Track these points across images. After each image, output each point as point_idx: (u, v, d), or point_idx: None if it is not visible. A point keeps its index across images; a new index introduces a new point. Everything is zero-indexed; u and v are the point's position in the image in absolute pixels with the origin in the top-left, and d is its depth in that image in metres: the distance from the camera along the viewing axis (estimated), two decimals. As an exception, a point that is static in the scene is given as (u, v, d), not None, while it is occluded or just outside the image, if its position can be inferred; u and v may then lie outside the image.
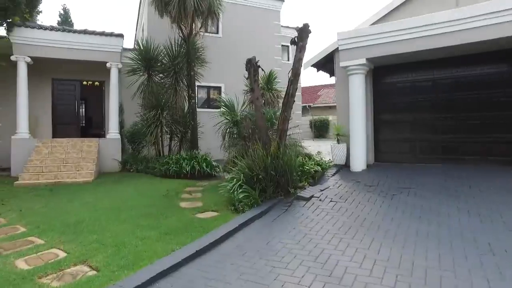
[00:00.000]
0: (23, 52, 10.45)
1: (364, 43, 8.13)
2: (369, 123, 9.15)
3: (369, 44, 8.17)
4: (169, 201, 6.88)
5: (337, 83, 9.71)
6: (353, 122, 8.64)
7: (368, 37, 8.16)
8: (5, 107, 11.33)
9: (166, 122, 10.83)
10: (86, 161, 9.99)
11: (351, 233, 4.56)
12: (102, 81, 12.87)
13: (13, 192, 7.91)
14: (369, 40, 8.16)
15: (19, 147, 10.23)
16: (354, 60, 8.30)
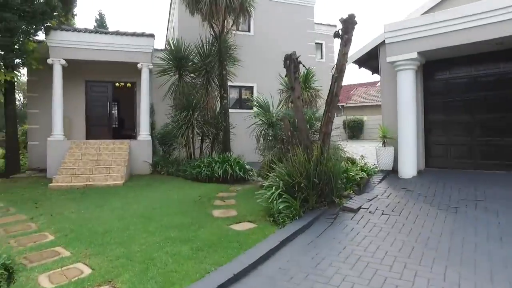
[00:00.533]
0: (58, 54, 10.46)
1: (414, 35, 7.26)
2: (419, 125, 8.22)
3: (420, 36, 7.29)
4: (201, 209, 6.42)
5: (382, 81, 8.86)
6: (402, 123, 7.78)
7: (419, 28, 7.29)
8: (43, 109, 11.46)
9: (198, 124, 10.44)
10: (117, 163, 9.80)
11: (415, 257, 3.83)
12: (133, 82, 12.76)
13: (46, 195, 7.79)
14: (420, 31, 7.29)
15: (54, 149, 10.24)
16: (403, 54, 7.45)
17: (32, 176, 10.44)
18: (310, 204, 5.48)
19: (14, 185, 9.11)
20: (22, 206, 6.86)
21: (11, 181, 9.78)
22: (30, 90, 11.82)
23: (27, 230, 5.29)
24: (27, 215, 6.17)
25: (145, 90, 11.21)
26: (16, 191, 8.30)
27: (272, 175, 6.33)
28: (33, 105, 11.77)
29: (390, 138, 8.25)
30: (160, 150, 11.66)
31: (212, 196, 7.58)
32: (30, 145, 11.73)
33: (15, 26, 9.22)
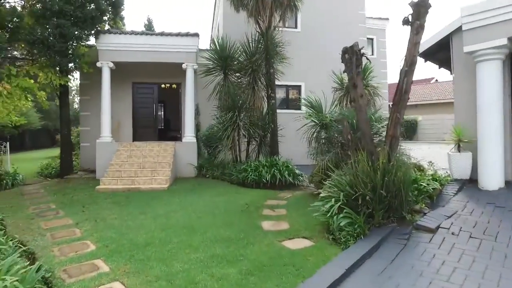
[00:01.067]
0: (107, 57, 10.56)
1: (504, 16, 6.03)
2: (507, 126, 6.91)
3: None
4: (249, 219, 5.84)
5: (456, 74, 7.65)
6: (484, 124, 6.56)
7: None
8: (94, 112, 11.67)
9: (244, 125, 9.94)
10: (162, 166, 9.59)
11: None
12: (178, 83, 12.61)
13: (93, 198, 7.72)
14: (511, 11, 6.04)
15: (102, 150, 10.31)
16: (488, 41, 6.24)
17: (83, 177, 10.62)
18: (376, 220, 4.66)
19: (66, 186, 9.26)
20: (71, 209, 6.79)
21: (64, 182, 10.00)
22: (82, 93, 12.13)
23: (71, 237, 5.09)
24: (74, 219, 6.04)
25: (190, 91, 10.95)
26: (67, 192, 8.38)
27: (328, 183, 5.59)
28: (85, 107, 12.06)
29: (467, 142, 7.06)
30: (205, 153, 11.35)
31: (260, 204, 6.99)
32: (82, 146, 12.03)
33: (68, 32, 9.39)
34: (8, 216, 6.35)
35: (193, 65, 11.02)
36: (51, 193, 8.45)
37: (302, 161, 10.26)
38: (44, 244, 4.83)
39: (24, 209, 6.99)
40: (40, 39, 9.14)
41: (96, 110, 11.29)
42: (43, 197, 8.02)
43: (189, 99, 10.92)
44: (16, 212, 6.69)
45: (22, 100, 10.21)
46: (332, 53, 14.53)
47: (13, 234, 5.23)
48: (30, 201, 7.72)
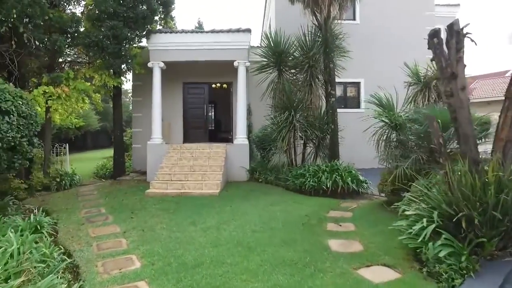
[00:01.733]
0: (157, 58, 10.35)
1: None
2: None
3: None
4: (313, 236, 4.99)
5: None
6: None
7: None
8: (145, 113, 11.57)
9: (300, 126, 9.08)
10: (212, 169, 9.08)
11: None
12: (229, 82, 12.10)
13: (142, 203, 7.39)
14: None
15: (153, 152, 10.10)
16: None
17: (134, 179, 10.51)
18: (486, 251, 3.55)
19: (118, 188, 9.13)
20: (119, 214, 6.48)
21: (116, 183, 9.94)
22: (135, 95, 12.13)
23: (117, 249, 4.66)
24: (122, 227, 5.68)
25: (241, 90, 10.35)
26: (118, 196, 8.19)
27: (409, 196, 4.58)
28: (137, 108, 12.03)
29: None
30: (258, 155, 10.69)
31: (323, 216, 6.11)
32: (134, 147, 12.02)
33: (121, 32, 9.28)
34: (62, 219, 6.28)
35: (245, 62, 10.41)
36: (103, 195, 8.31)
37: (363, 165, 9.20)
38: (89, 256, 4.43)
39: (77, 212, 6.84)
40: (95, 42, 9.12)
41: (148, 111, 11.16)
42: (95, 200, 7.88)
43: (241, 98, 10.33)
44: (70, 216, 6.55)
45: (79, 102, 10.35)
46: (397, 46, 13.27)
47: (63, 241, 5.10)
48: (83, 203, 7.61)
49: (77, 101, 10.29)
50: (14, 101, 6.28)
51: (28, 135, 6.51)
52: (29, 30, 8.30)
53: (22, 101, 6.46)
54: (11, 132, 6.02)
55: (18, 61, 8.49)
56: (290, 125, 8.93)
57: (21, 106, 6.36)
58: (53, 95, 8.62)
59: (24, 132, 6.34)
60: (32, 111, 6.65)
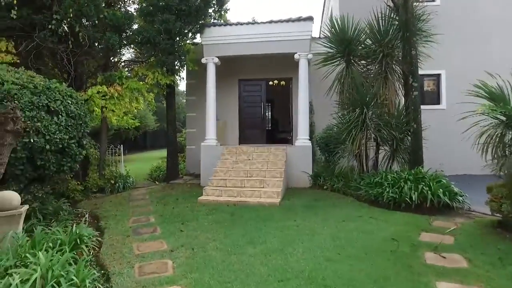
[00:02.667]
0: (211, 52, 9.64)
1: None
2: None
3: None
4: (409, 272, 3.71)
5: None
6: None
7: None
8: (199, 113, 11.00)
9: (374, 125, 7.70)
10: (271, 174, 8.07)
11: None
12: (288, 78, 11.02)
13: (194, 212, 6.62)
14: None
15: (207, 155, 9.41)
16: None
17: (187, 182, 9.91)
18: None
19: (170, 194, 8.54)
20: (169, 226, 5.76)
21: (169, 187, 9.40)
22: (188, 93, 11.61)
23: (160, 275, 3.84)
24: (169, 242, 4.91)
25: (303, 86, 9.22)
26: (169, 202, 7.56)
27: None
28: (191, 108, 11.50)
29: None
30: (322, 159, 9.47)
31: (414, 239, 4.78)
32: (187, 149, 11.51)
33: (173, 26, 8.73)
34: (109, 228, 5.77)
35: (307, 54, 9.27)
36: (154, 201, 7.75)
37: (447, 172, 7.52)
38: (127, 284, 3.65)
39: (125, 219, 6.28)
40: (147, 38, 8.67)
41: (202, 110, 10.54)
42: (146, 206, 7.31)
43: (302, 95, 9.20)
44: (118, 224, 6.01)
45: (133, 102, 10.04)
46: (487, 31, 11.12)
47: (104, 258, 4.45)
48: (133, 209, 7.08)
49: (130, 101, 9.98)
50: (63, 101, 5.88)
51: (77, 136, 6.08)
52: (84, 29, 8.07)
53: (71, 100, 6.05)
54: (59, 134, 5.59)
55: (75, 62, 8.32)
56: (362, 124, 7.58)
57: (70, 106, 5.94)
58: (106, 94, 8.29)
59: (73, 133, 5.90)
60: (81, 110, 6.22)
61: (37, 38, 7.60)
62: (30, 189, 5.73)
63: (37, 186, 5.86)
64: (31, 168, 5.49)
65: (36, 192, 5.86)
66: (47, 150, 5.44)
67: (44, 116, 5.46)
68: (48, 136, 5.40)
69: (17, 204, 4.63)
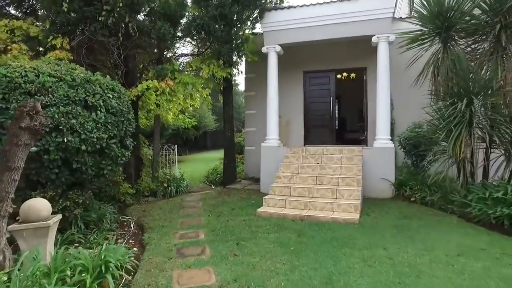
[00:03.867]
0: (273, 40, 8.41)
1: None
2: None
3: None
4: None
5: None
6: None
7: None
8: (259, 110, 9.88)
9: (489, 121, 5.77)
10: (346, 182, 6.57)
11: None
12: (362, 68, 9.33)
13: (252, 228, 5.42)
14: None
15: (268, 157, 8.20)
16: None
17: (245, 188, 8.80)
18: None
19: (225, 201, 7.50)
20: (221, 246, 4.64)
21: (225, 193, 8.39)
22: (247, 89, 10.53)
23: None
24: (219, 273, 3.80)
25: (383, 75, 7.55)
26: (223, 212, 6.50)
27: None
28: (250, 105, 10.41)
29: None
30: (407, 163, 7.68)
31: None
32: (246, 150, 10.44)
33: (229, 11, 7.71)
34: (151, 243, 4.86)
35: (388, 36, 7.57)
36: (207, 210, 6.75)
37: None
38: None
39: (171, 233, 5.34)
40: (201, 25, 7.75)
41: (262, 107, 9.42)
42: (197, 216, 6.32)
43: (382, 86, 7.53)
44: (162, 239, 5.09)
45: (188, 99, 9.26)
46: None
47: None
48: (182, 219, 6.15)
49: (185, 98, 9.21)
50: (103, 95, 5.10)
51: (118, 136, 5.27)
52: (134, 20, 7.41)
53: (112, 94, 5.25)
54: (96, 132, 4.80)
55: (125, 56, 7.71)
56: (469, 120, 5.70)
57: (111, 100, 5.14)
58: (158, 90, 7.54)
59: (113, 131, 5.09)
60: (123, 106, 5.40)
61: (87, 32, 7.10)
62: (69, 195, 5.04)
63: (77, 191, 5.16)
64: (68, 172, 4.79)
65: (76, 198, 5.16)
66: (83, 151, 4.68)
67: (80, 112, 4.70)
68: (84, 135, 4.63)
69: (47, 214, 3.88)
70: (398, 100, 8.47)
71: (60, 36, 7.30)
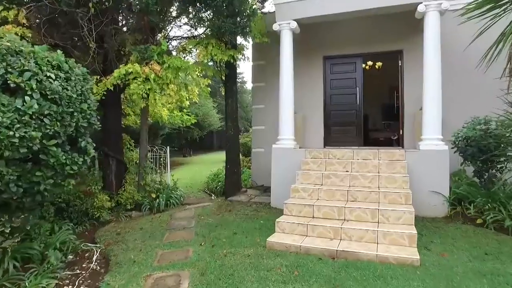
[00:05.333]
0: (287, 15, 6.64)
1: None
2: None
3: None
4: None
5: None
6: None
7: None
8: (270, 104, 8.15)
9: None
10: (390, 199, 4.77)
11: None
12: (397, 51, 7.49)
13: (261, 272, 3.68)
14: None
15: (281, 162, 6.46)
16: None
17: (252, 200, 7.05)
18: None
19: (225, 220, 5.76)
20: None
21: (226, 208, 6.64)
22: (255, 79, 8.76)
23: None
24: None
25: (433, 55, 5.73)
26: (221, 239, 4.78)
27: None
28: (259, 98, 8.65)
29: None
30: (462, 171, 5.84)
31: None
32: (254, 152, 8.70)
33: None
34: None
35: (441, 2, 5.73)
36: (200, 234, 5.03)
37: None
38: None
39: (141, 276, 3.68)
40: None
41: (273, 101, 7.73)
42: (185, 246, 4.60)
43: (432, 69, 5.70)
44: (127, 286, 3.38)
45: (182, 90, 7.56)
46: None
47: None
48: (164, 250, 4.46)
49: (178, 89, 7.53)
50: (39, 74, 3.42)
51: (64, 134, 3.59)
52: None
53: (55, 74, 3.58)
54: (21, 129, 3.14)
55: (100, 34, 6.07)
56: None
57: (51, 82, 3.45)
58: (139, 76, 5.85)
59: (53, 128, 3.41)
60: (74, 91, 3.72)
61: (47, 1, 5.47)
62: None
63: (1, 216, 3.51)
64: (-21, 190, 3.14)
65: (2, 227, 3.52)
66: (-4, 158, 3.02)
67: (-7, 96, 3.04)
68: (-2, 133, 2.97)
69: None
70: (445, 91, 6.61)
71: (14, 7, 5.68)
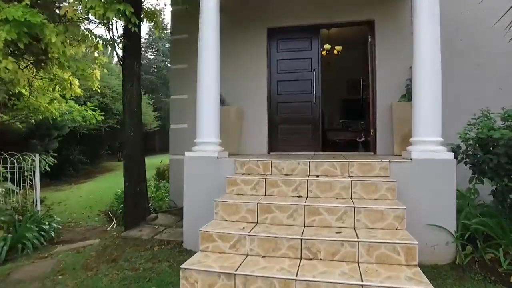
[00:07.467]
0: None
1: None
2: None
3: None
4: None
5: None
6: None
7: None
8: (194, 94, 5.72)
9: None
10: (377, 255, 2.63)
11: None
12: (366, 22, 5.54)
13: None
14: None
15: (196, 179, 4.11)
16: None
17: (156, 237, 4.56)
18: None
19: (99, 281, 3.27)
20: None
21: (112, 252, 4.11)
22: (175, 59, 6.33)
23: None
24: None
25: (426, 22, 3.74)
26: None
27: None
28: (179, 85, 6.22)
29: None
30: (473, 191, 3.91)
31: None
32: (171, 161, 6.25)
33: None
34: None
35: None
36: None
37: None
38: None
39: None
40: None
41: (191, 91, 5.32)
42: None
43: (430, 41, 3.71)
44: None
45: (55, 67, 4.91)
46: None
47: None
48: None
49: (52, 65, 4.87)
50: None
51: None
52: None
53: None
54: None
55: None
56: None
57: None
58: None
59: None
60: None
61: None
62: None
63: None
64: None
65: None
66: None
67: None
68: None
69: None
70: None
71: None
